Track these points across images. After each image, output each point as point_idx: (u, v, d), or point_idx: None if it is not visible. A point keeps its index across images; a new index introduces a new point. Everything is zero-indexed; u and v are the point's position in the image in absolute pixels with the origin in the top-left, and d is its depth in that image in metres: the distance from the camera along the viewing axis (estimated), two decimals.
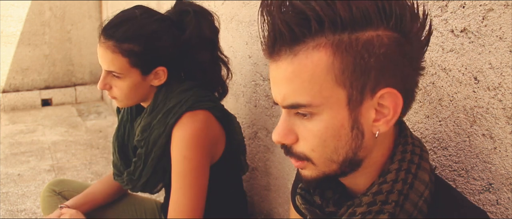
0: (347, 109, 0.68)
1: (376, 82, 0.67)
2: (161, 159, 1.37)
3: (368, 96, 0.68)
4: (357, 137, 0.70)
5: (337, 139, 0.70)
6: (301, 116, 0.71)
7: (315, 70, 0.66)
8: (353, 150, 0.71)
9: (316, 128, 0.69)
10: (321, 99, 0.67)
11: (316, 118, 0.69)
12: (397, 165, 0.74)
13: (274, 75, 0.72)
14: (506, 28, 0.79)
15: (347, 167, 0.73)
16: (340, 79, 0.66)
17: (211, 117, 1.34)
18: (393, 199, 0.72)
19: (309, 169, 0.75)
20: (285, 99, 0.70)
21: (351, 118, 0.69)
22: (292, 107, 0.70)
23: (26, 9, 4.49)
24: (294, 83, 0.68)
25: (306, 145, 0.71)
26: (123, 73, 1.28)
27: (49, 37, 4.64)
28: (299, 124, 0.72)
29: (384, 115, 0.70)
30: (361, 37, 0.65)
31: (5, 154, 3.25)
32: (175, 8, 1.42)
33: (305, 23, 0.65)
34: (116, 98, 1.34)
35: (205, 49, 1.39)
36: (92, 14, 4.78)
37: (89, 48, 4.84)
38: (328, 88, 0.67)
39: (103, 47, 1.28)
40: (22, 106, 4.60)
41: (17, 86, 4.60)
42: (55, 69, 4.73)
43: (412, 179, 0.73)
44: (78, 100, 4.83)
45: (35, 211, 2.43)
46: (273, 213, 1.72)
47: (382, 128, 0.71)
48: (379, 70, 0.66)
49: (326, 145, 0.70)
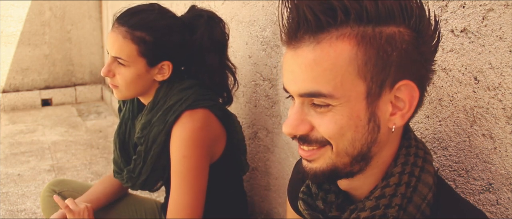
0: (365, 102, 0.68)
1: (395, 77, 0.68)
2: (160, 157, 1.37)
3: (387, 90, 0.68)
4: (373, 130, 0.70)
5: (354, 130, 0.69)
6: (316, 106, 0.69)
7: (338, 59, 0.66)
8: (368, 143, 0.71)
9: (334, 119, 0.68)
10: (342, 92, 0.67)
11: (334, 109, 0.68)
12: (400, 168, 0.73)
13: (291, 62, 0.70)
14: (506, 28, 0.79)
15: (358, 163, 0.72)
16: (362, 71, 0.66)
17: (211, 116, 1.35)
18: (396, 203, 0.72)
19: (322, 159, 0.73)
20: (303, 87, 0.69)
21: (369, 111, 0.69)
22: (310, 95, 0.68)
23: (26, 9, 4.49)
24: (314, 71, 0.67)
25: (325, 132, 0.70)
26: (130, 60, 1.30)
27: (49, 37, 4.64)
28: (314, 113, 0.70)
29: (400, 109, 0.71)
30: (384, 31, 0.66)
31: (5, 154, 3.25)
32: (189, 12, 1.46)
33: (331, 13, 0.65)
34: (117, 88, 1.35)
35: (214, 52, 1.41)
36: (92, 14, 4.78)
37: (89, 48, 4.84)
38: (349, 80, 0.67)
39: (115, 32, 1.31)
40: (22, 106, 4.60)
41: (17, 86, 4.61)
42: (55, 69, 4.73)
43: (416, 182, 0.73)
44: (78, 100, 4.83)
45: (35, 211, 2.43)
46: (273, 213, 1.72)
47: (398, 122, 0.71)
48: (399, 66, 0.68)
49: (344, 135, 0.69)
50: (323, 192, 0.82)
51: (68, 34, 4.73)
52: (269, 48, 1.58)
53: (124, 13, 1.33)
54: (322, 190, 0.82)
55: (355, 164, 0.72)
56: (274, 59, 1.56)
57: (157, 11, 1.34)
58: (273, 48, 1.56)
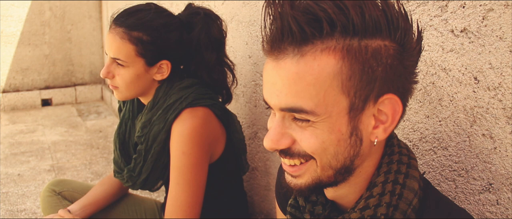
0: (347, 117, 0.67)
1: (379, 92, 0.67)
2: (161, 155, 1.37)
3: (371, 104, 0.67)
4: (355, 143, 0.69)
5: (336, 144, 0.68)
6: (297, 120, 0.68)
7: (321, 74, 0.64)
8: (351, 157, 0.70)
9: (315, 133, 0.67)
10: (324, 108, 0.65)
11: (314, 124, 0.67)
12: (383, 177, 0.73)
13: (273, 74, 0.68)
14: (506, 28, 0.79)
15: (341, 174, 0.72)
16: (346, 86, 0.65)
17: (211, 114, 1.35)
18: (381, 212, 0.71)
19: (308, 174, 0.72)
20: (284, 101, 0.67)
21: (351, 125, 0.67)
22: (291, 111, 0.67)
23: (26, 9, 4.49)
24: (297, 86, 0.65)
25: (307, 147, 0.69)
26: (128, 61, 1.30)
27: (49, 37, 4.64)
28: (295, 127, 0.69)
29: (383, 122, 0.70)
30: (370, 45, 0.64)
31: (5, 154, 3.25)
32: (186, 10, 1.46)
33: (316, 24, 0.63)
34: (117, 88, 1.35)
35: (212, 49, 1.42)
36: (92, 14, 4.78)
37: (89, 48, 4.84)
38: (332, 96, 0.65)
39: (113, 33, 1.31)
40: (22, 106, 4.60)
41: (17, 86, 4.61)
42: (55, 69, 4.73)
43: (401, 189, 0.72)
44: (78, 100, 4.83)
45: (35, 211, 2.43)
46: (273, 213, 1.72)
47: (381, 135, 0.70)
48: (384, 80, 0.66)
49: (326, 149, 0.68)
50: (310, 204, 0.82)
51: (68, 34, 4.73)
52: None
53: (121, 14, 1.34)
54: (309, 202, 0.82)
55: (339, 175, 0.72)
56: None
57: (154, 10, 1.34)
58: None
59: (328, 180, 0.72)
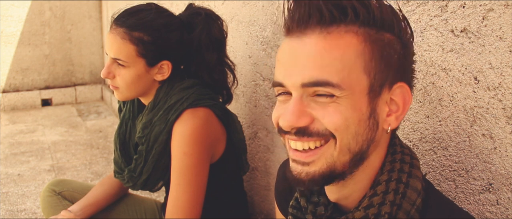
0: (367, 97, 0.70)
1: (393, 79, 0.72)
2: (162, 156, 1.37)
3: (386, 90, 0.71)
4: (373, 127, 0.71)
5: (357, 123, 0.69)
6: (319, 97, 0.69)
7: (347, 51, 0.68)
8: (368, 141, 0.71)
9: (338, 109, 0.68)
10: (349, 83, 0.68)
11: (338, 100, 0.68)
12: (387, 175, 0.74)
13: (294, 52, 0.70)
14: (506, 28, 0.79)
15: (355, 162, 0.72)
16: (368, 67, 0.69)
17: (212, 115, 1.35)
18: (386, 211, 0.72)
19: (323, 159, 0.71)
20: (308, 76, 0.68)
21: (370, 106, 0.70)
22: (317, 85, 0.68)
23: (26, 9, 4.49)
24: (323, 59, 0.68)
25: (330, 123, 0.69)
26: (129, 61, 1.30)
27: (49, 37, 4.64)
28: (315, 105, 0.70)
29: (394, 111, 0.73)
30: (385, 37, 0.71)
31: (5, 154, 3.25)
32: (186, 11, 1.46)
33: (343, 10, 0.69)
34: (118, 89, 1.35)
35: (213, 49, 1.42)
36: (92, 14, 4.78)
37: (89, 48, 4.84)
38: (355, 73, 0.68)
39: (113, 33, 1.31)
40: (22, 106, 4.60)
41: (17, 86, 4.61)
42: (55, 69, 4.73)
43: (404, 189, 0.73)
44: (78, 100, 4.83)
45: (35, 211, 2.43)
46: (273, 213, 1.72)
47: (393, 123, 0.73)
48: (397, 69, 0.72)
49: (349, 128, 0.69)
50: (312, 205, 0.81)
51: (68, 34, 4.73)
52: (269, 48, 1.58)
53: (122, 14, 1.34)
54: (311, 203, 0.82)
55: (352, 164, 0.72)
56: (274, 59, 1.56)
57: (155, 10, 1.34)
58: (273, 48, 1.56)
59: (342, 168, 0.72)
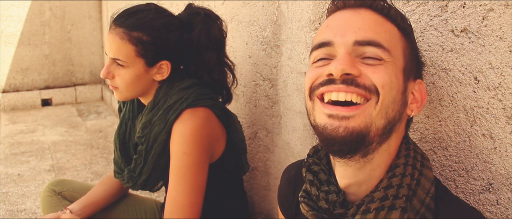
0: (402, 76, 0.76)
1: (417, 74, 0.82)
2: (161, 156, 1.37)
3: (412, 80, 0.80)
4: (403, 103, 0.77)
5: (396, 90, 0.74)
6: (367, 59, 0.74)
7: (392, 30, 0.78)
8: (399, 113, 0.76)
9: (386, 71, 0.73)
10: (394, 53, 0.75)
11: (385, 64, 0.74)
12: (404, 160, 0.77)
13: (349, 17, 0.77)
14: (506, 28, 0.79)
15: (385, 133, 0.75)
16: (404, 52, 0.78)
17: (211, 115, 1.35)
18: (403, 193, 0.73)
19: (363, 116, 0.72)
20: (362, 35, 0.74)
21: (404, 84, 0.77)
22: (369, 44, 0.73)
23: (26, 9, 4.49)
24: (377, 27, 0.75)
25: (378, 79, 0.73)
26: (128, 61, 1.30)
27: (49, 37, 4.65)
28: (364, 65, 0.74)
29: (415, 102, 0.80)
30: (412, 40, 0.83)
31: (5, 154, 3.25)
32: (186, 11, 1.46)
33: (387, 8, 0.79)
34: (117, 89, 1.35)
35: (212, 49, 1.42)
36: (92, 14, 4.78)
37: (89, 48, 4.84)
38: (397, 51, 0.76)
39: (113, 34, 1.31)
40: (22, 106, 4.60)
41: (17, 86, 4.61)
42: (55, 69, 4.73)
43: (419, 175, 0.75)
44: (78, 100, 4.84)
45: (35, 211, 2.43)
46: (273, 213, 1.72)
47: (415, 111, 0.80)
48: (420, 66, 0.84)
49: (392, 90, 0.74)
50: (323, 193, 0.82)
51: (68, 34, 4.73)
52: (269, 48, 1.58)
53: (121, 14, 1.34)
54: (322, 191, 0.82)
55: (382, 135, 0.74)
56: (274, 59, 1.56)
57: (154, 10, 1.34)
58: (273, 48, 1.56)
59: (374, 133, 0.73)
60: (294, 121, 1.49)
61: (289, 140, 1.54)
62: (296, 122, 1.48)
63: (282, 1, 1.48)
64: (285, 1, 1.46)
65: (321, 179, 0.83)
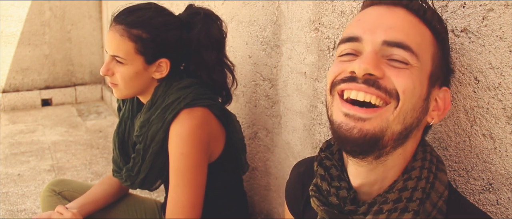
0: (428, 81, 0.74)
1: (443, 82, 0.79)
2: (159, 155, 1.37)
3: (437, 87, 0.77)
4: (424, 110, 0.75)
5: (418, 97, 0.72)
6: (393, 61, 0.72)
7: (425, 34, 0.75)
8: (418, 120, 0.74)
9: (411, 76, 0.71)
10: (422, 58, 0.73)
11: (411, 69, 0.71)
12: (420, 163, 0.76)
13: (383, 14, 0.75)
14: (506, 28, 0.79)
15: (401, 138, 0.74)
16: (434, 57, 0.75)
17: (209, 114, 1.35)
18: (417, 197, 0.72)
19: (379, 120, 0.71)
20: (392, 35, 0.72)
21: (427, 90, 0.74)
22: (398, 45, 0.71)
23: (26, 9, 4.49)
24: (409, 29, 0.73)
25: (401, 84, 0.71)
26: (127, 58, 1.31)
27: (49, 37, 4.64)
28: (389, 67, 0.72)
29: (437, 109, 0.78)
30: (445, 46, 0.81)
31: (5, 154, 3.25)
32: (186, 11, 1.46)
33: (424, 8, 0.76)
34: (117, 86, 1.36)
35: (212, 49, 1.42)
36: (92, 14, 4.78)
37: (89, 48, 4.84)
38: (427, 55, 0.74)
39: (113, 31, 1.32)
40: (22, 106, 4.60)
41: (17, 86, 4.60)
42: (55, 69, 4.73)
43: (433, 179, 0.75)
44: (78, 100, 4.83)
45: (35, 211, 2.43)
46: (273, 213, 1.72)
47: (436, 118, 0.78)
48: (449, 73, 0.82)
49: (413, 96, 0.72)
50: (334, 189, 0.81)
51: (68, 34, 4.73)
52: (269, 48, 1.58)
53: (121, 12, 1.35)
54: (332, 187, 0.82)
55: (397, 140, 0.73)
56: (274, 59, 1.56)
57: (154, 9, 1.35)
58: (273, 48, 1.56)
59: (389, 138, 0.72)
60: (294, 121, 1.49)
61: (289, 140, 1.54)
62: (296, 122, 1.48)
63: (282, 1, 1.48)
64: (285, 1, 1.46)
65: (332, 174, 0.83)
